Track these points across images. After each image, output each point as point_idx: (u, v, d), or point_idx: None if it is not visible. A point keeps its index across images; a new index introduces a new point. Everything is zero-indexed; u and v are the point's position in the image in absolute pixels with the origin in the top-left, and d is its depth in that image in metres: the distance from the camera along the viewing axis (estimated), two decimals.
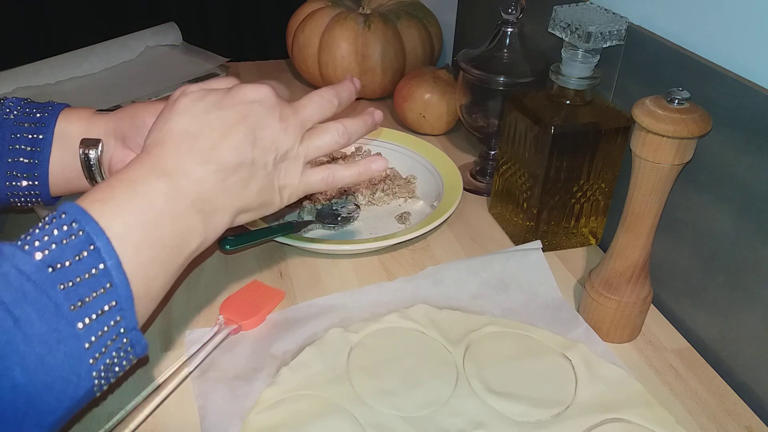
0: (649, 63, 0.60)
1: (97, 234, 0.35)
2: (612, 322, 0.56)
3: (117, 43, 1.07)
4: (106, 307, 0.35)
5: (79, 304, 0.34)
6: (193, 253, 0.42)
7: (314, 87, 1.04)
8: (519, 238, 0.68)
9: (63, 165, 0.52)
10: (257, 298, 0.58)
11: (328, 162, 0.80)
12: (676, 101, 0.47)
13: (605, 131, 0.61)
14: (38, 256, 0.34)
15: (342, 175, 0.50)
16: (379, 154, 0.81)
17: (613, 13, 0.62)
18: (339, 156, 0.81)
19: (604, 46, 0.61)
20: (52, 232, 0.35)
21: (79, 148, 0.51)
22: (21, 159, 0.51)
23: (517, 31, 0.72)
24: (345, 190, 0.75)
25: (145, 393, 0.49)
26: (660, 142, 0.48)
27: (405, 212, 0.73)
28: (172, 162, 0.40)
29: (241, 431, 0.47)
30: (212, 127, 0.42)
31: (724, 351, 0.55)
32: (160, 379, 0.50)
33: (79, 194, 0.57)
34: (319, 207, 0.73)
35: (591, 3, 0.67)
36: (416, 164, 0.79)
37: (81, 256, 0.35)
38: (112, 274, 0.35)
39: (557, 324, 0.58)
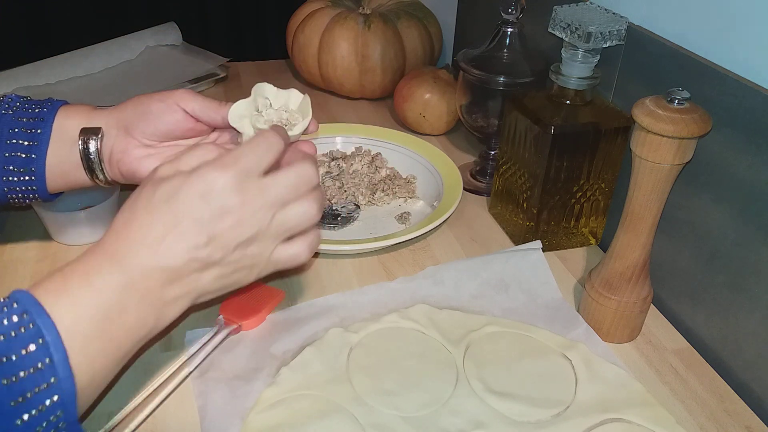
0: (649, 63, 0.60)
1: (48, 327, 0.35)
2: (612, 322, 0.56)
3: (117, 43, 1.07)
4: (48, 402, 0.34)
5: (20, 399, 0.33)
6: (142, 341, 0.41)
7: (314, 87, 1.04)
8: (519, 238, 0.68)
9: (59, 158, 0.52)
10: (257, 298, 0.58)
11: (327, 162, 0.80)
12: (676, 101, 0.47)
13: (605, 131, 0.61)
14: None
15: (310, 249, 0.46)
16: (379, 154, 0.81)
17: (613, 13, 0.62)
18: (339, 156, 0.81)
19: (604, 46, 0.61)
20: (2, 321, 0.34)
21: (79, 137, 0.50)
22: (18, 154, 0.50)
23: (517, 31, 0.72)
24: (345, 190, 0.75)
25: (145, 393, 0.49)
26: (660, 142, 0.48)
27: (405, 212, 0.73)
28: (124, 252, 0.39)
29: (241, 431, 0.47)
30: (163, 219, 0.39)
31: (724, 351, 0.55)
32: (160, 379, 0.50)
33: (77, 190, 0.58)
34: None
35: (591, 3, 0.67)
36: (416, 164, 0.79)
37: (28, 350, 0.34)
38: (58, 369, 0.35)
39: (557, 324, 0.58)
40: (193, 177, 0.40)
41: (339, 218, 0.71)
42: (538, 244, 0.65)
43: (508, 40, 0.73)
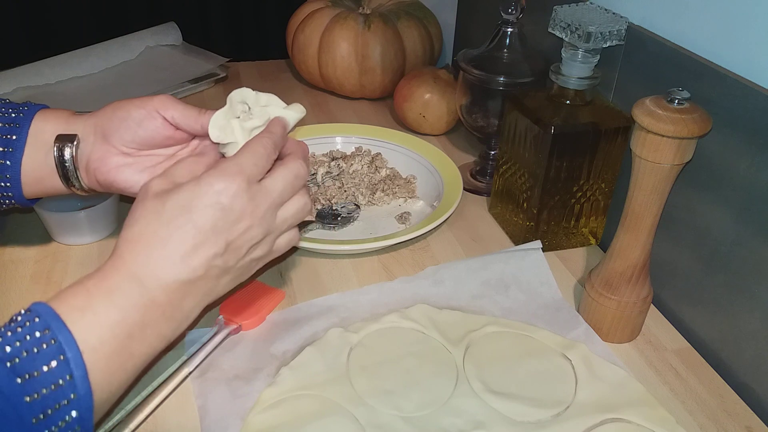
0: (649, 63, 0.60)
1: (69, 344, 0.35)
2: (612, 322, 0.56)
3: (117, 43, 1.07)
4: (67, 418, 0.35)
5: (42, 416, 0.34)
6: (159, 351, 0.41)
7: (314, 87, 1.04)
8: (519, 238, 0.68)
9: (35, 165, 0.51)
10: (257, 298, 0.58)
11: (327, 162, 0.80)
12: (676, 101, 0.47)
13: (605, 131, 0.61)
14: (9, 364, 0.34)
15: (298, 229, 0.49)
16: (379, 154, 0.81)
17: (613, 13, 0.62)
18: (339, 156, 0.81)
19: (604, 46, 0.61)
20: (24, 337, 0.35)
21: (54, 144, 0.49)
22: None
23: (517, 31, 0.72)
24: (345, 190, 0.75)
25: (145, 393, 0.49)
26: (660, 142, 0.48)
27: (405, 212, 0.73)
28: (146, 269, 0.39)
29: (241, 431, 0.47)
30: (182, 231, 0.40)
31: (724, 351, 0.55)
32: (160, 379, 0.50)
33: (55, 197, 0.57)
34: (319, 207, 0.73)
35: (591, 3, 0.67)
36: (416, 164, 0.79)
37: (50, 366, 0.34)
38: (78, 386, 0.35)
39: (557, 324, 0.58)
40: (204, 186, 0.41)
41: (339, 218, 0.71)
42: (538, 244, 0.65)
43: (508, 40, 0.73)
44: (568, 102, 0.63)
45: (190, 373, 0.51)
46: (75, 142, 0.50)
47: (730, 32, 0.53)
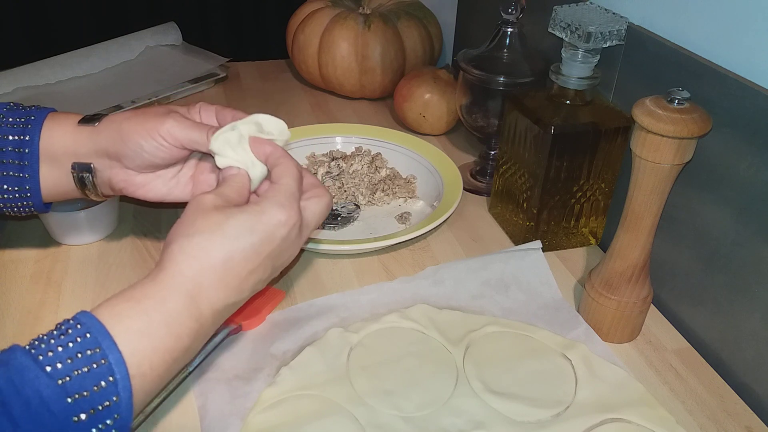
0: (649, 63, 0.60)
1: (118, 365, 0.35)
2: (612, 322, 0.56)
3: (117, 43, 1.07)
4: None
5: None
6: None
7: (314, 87, 1.04)
8: (519, 238, 0.68)
9: (55, 181, 0.52)
10: (257, 298, 0.58)
11: (327, 162, 0.80)
12: (676, 101, 0.47)
13: (605, 131, 0.61)
14: (60, 382, 0.34)
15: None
16: (379, 154, 0.81)
17: (613, 13, 0.62)
18: (339, 156, 0.81)
19: (604, 46, 0.61)
20: (76, 354, 0.35)
21: (72, 172, 0.51)
22: (10, 173, 0.50)
23: (517, 31, 0.72)
24: (345, 190, 0.75)
25: None
26: (660, 142, 0.48)
27: (405, 212, 0.73)
28: (203, 292, 0.40)
29: (241, 431, 0.47)
30: (244, 256, 0.42)
31: (724, 351, 0.55)
32: None
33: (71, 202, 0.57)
34: None
35: (591, 3, 0.67)
36: (416, 164, 0.79)
37: (99, 386, 0.35)
38: (122, 407, 0.35)
39: (557, 324, 0.58)
40: (267, 215, 0.43)
41: (339, 218, 0.71)
42: (538, 244, 0.65)
43: (508, 40, 0.73)
44: (568, 102, 0.63)
45: (190, 373, 0.51)
46: (92, 171, 0.51)
47: (730, 32, 0.53)
